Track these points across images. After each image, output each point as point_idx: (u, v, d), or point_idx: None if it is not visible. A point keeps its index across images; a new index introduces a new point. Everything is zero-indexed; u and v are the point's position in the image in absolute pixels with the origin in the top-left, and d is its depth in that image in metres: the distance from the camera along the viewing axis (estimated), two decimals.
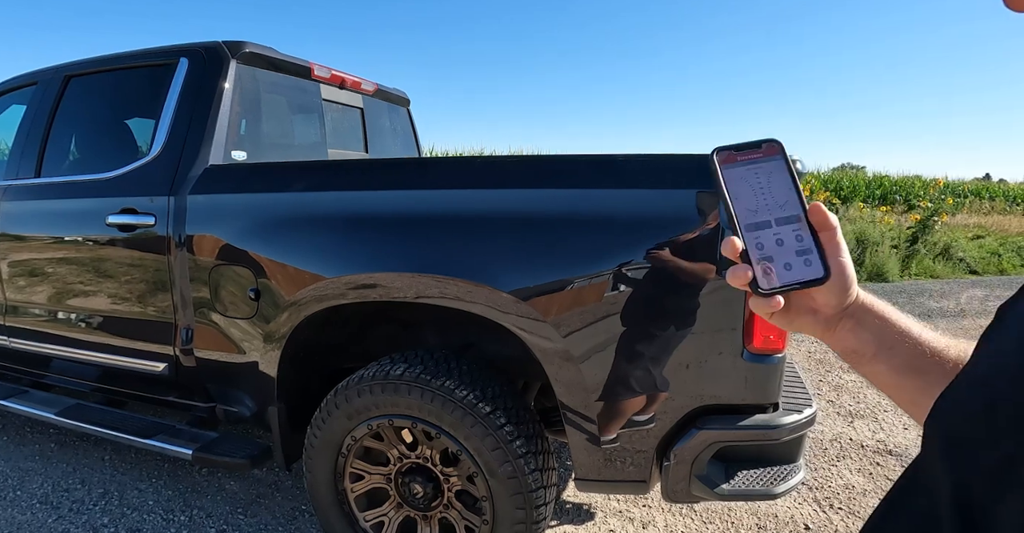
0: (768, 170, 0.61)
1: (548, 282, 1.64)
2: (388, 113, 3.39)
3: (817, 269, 0.58)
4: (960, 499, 0.39)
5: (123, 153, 2.51)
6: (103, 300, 2.41)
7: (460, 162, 2.30)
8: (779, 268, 0.58)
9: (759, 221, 0.59)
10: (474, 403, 1.73)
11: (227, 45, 2.35)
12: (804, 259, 0.58)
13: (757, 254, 0.58)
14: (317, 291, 1.91)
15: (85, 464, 2.90)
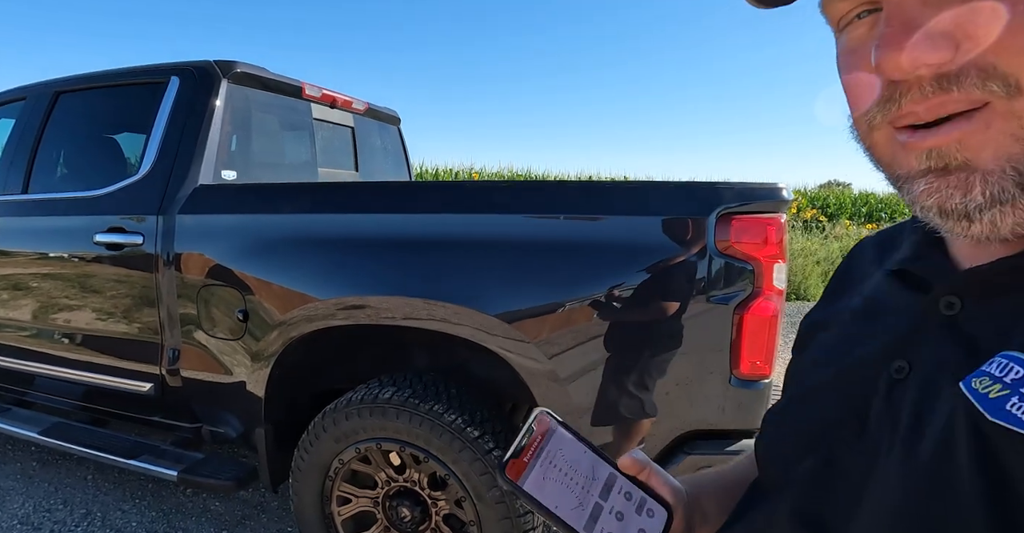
0: (558, 448, 0.57)
1: (534, 306, 1.65)
2: (379, 132, 3.40)
3: (660, 513, 0.58)
4: (792, 508, 0.49)
5: (112, 171, 2.50)
6: (89, 319, 2.39)
7: (449, 187, 2.32)
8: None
9: (591, 511, 0.55)
10: (462, 427, 1.73)
11: (218, 64, 2.35)
12: (646, 511, 0.57)
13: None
14: (307, 311, 1.90)
15: (68, 484, 2.86)
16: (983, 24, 0.35)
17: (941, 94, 0.37)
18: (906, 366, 0.44)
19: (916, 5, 0.37)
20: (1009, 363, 0.37)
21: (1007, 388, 0.36)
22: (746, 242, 1.53)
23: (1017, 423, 0.35)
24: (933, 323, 0.44)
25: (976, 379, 0.38)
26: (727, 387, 1.59)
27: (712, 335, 1.58)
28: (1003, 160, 0.36)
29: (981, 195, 0.37)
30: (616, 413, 1.67)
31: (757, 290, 1.54)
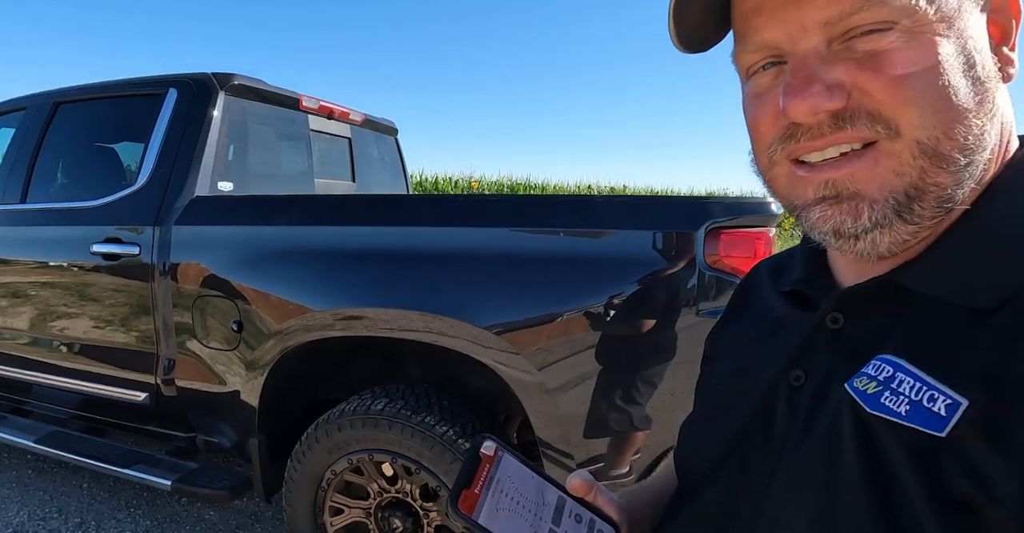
0: (507, 476, 0.57)
1: (524, 318, 1.67)
2: (376, 142, 3.42)
3: (610, 531, 0.59)
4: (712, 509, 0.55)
5: (109, 181, 2.52)
6: (85, 328, 2.40)
7: (440, 200, 2.34)
8: None
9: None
10: (453, 439, 1.74)
11: (216, 77, 2.37)
12: (596, 531, 0.58)
13: None
14: (304, 322, 1.92)
15: (63, 492, 2.87)
16: (869, 79, 0.43)
17: (837, 132, 0.44)
18: (803, 374, 0.51)
19: (816, 61, 0.44)
20: (882, 364, 0.45)
21: (880, 385, 0.44)
22: (735, 256, 1.54)
23: (889, 413, 0.42)
24: (822, 336, 0.51)
25: (858, 379, 0.45)
26: None
27: (700, 347, 1.58)
28: (886, 191, 0.44)
29: (868, 220, 0.44)
30: (609, 426, 1.68)
31: None
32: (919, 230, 0.45)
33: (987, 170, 0.47)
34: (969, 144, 0.44)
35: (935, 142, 0.43)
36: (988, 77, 0.45)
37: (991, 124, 0.45)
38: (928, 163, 0.43)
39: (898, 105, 0.42)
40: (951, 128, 0.43)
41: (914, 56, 0.42)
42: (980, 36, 0.46)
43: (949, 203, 0.45)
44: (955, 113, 0.43)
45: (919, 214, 0.44)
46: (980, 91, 0.44)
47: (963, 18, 0.45)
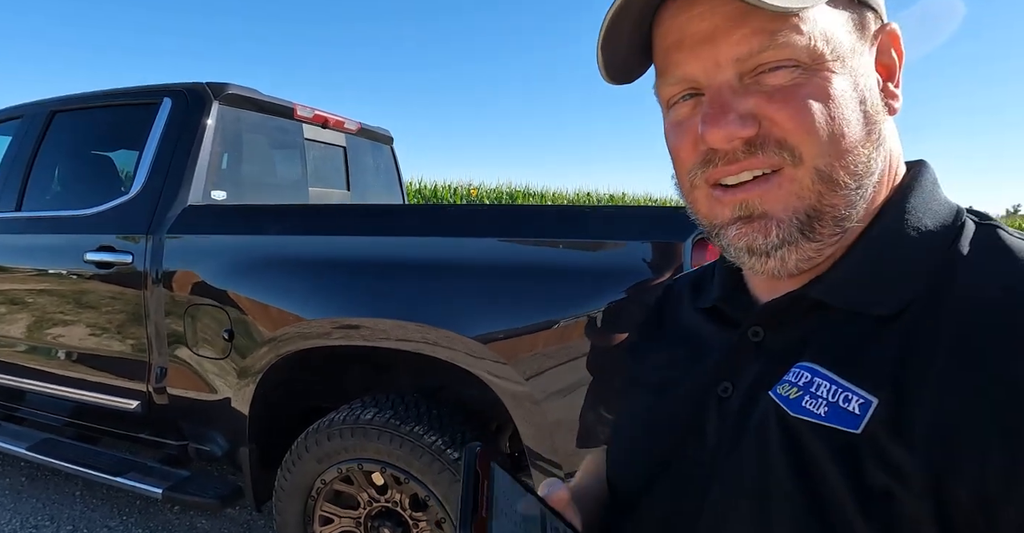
0: (503, 493, 0.53)
1: (515, 328, 1.67)
2: (371, 151, 3.44)
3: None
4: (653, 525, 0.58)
5: (103, 190, 2.52)
6: (78, 336, 2.41)
7: (432, 210, 2.35)
8: None
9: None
10: (442, 449, 1.74)
11: (210, 86, 2.39)
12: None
13: None
14: (301, 329, 1.92)
15: (55, 499, 2.87)
16: (777, 110, 0.48)
17: (749, 157, 0.49)
18: (730, 386, 0.55)
19: (730, 93, 0.49)
20: (801, 371, 0.49)
21: (801, 390, 0.48)
22: None
23: (810, 415, 0.47)
24: (745, 349, 0.55)
25: (780, 386, 0.50)
26: None
27: None
28: (790, 212, 0.49)
29: (776, 237, 0.49)
30: (597, 435, 1.68)
31: None
32: (822, 247, 0.51)
33: (878, 193, 0.53)
34: (858, 171, 0.49)
35: (830, 169, 0.48)
36: (876, 111, 0.51)
37: (877, 153, 0.51)
38: (824, 188, 0.49)
39: (801, 134, 0.48)
40: (843, 157, 0.48)
41: (814, 91, 0.48)
42: (870, 74, 0.52)
43: (845, 222, 0.50)
44: (847, 143, 0.48)
45: (820, 232, 0.50)
46: (869, 123, 0.50)
47: (855, 58, 0.50)
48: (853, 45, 0.50)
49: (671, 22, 0.52)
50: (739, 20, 0.47)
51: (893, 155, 0.54)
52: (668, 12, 0.52)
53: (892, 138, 0.54)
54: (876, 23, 0.53)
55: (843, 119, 0.48)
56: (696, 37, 0.50)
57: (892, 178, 0.54)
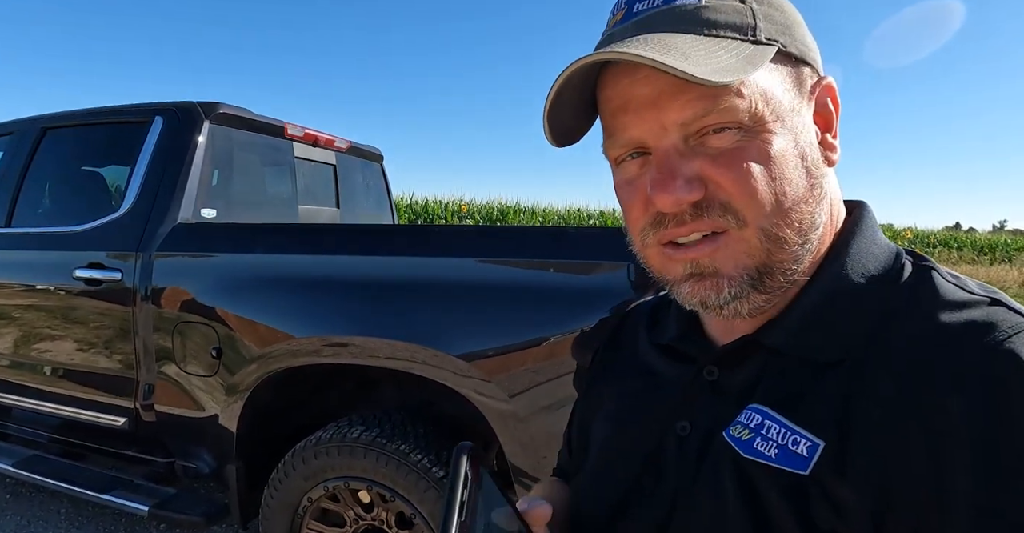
0: (487, 501, 0.52)
1: (497, 346, 1.69)
2: (361, 169, 3.47)
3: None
4: None
5: (94, 207, 2.54)
6: (66, 353, 2.41)
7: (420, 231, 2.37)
8: None
9: None
10: (428, 467, 1.76)
11: (202, 106, 2.42)
12: None
13: None
14: (291, 347, 1.94)
15: (40, 516, 2.85)
16: (722, 174, 0.50)
17: (696, 220, 0.51)
18: (688, 425, 0.57)
19: (676, 156, 0.51)
20: (752, 413, 0.52)
21: (752, 432, 0.51)
22: None
23: (761, 456, 0.49)
24: (702, 388, 0.58)
25: (733, 427, 0.52)
26: None
27: None
28: (741, 269, 0.52)
29: (729, 294, 0.52)
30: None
31: None
32: (771, 297, 0.53)
33: (822, 243, 0.55)
34: (803, 227, 0.52)
35: (776, 229, 0.51)
36: (816, 166, 0.53)
37: (820, 207, 0.53)
38: (773, 246, 0.51)
39: (744, 199, 0.50)
40: (787, 216, 0.51)
41: (756, 154, 0.50)
42: (809, 129, 0.53)
43: (793, 275, 0.53)
44: (789, 203, 0.51)
45: (770, 285, 0.52)
46: (811, 179, 0.52)
47: (794, 116, 0.52)
48: (792, 103, 0.52)
49: (615, 86, 0.53)
50: (683, 85, 0.48)
51: (834, 203, 0.56)
52: (611, 75, 0.53)
53: (833, 188, 0.56)
54: (813, 77, 0.55)
55: (784, 180, 0.50)
56: (641, 101, 0.51)
57: (834, 225, 0.57)
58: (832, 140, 0.56)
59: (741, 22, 0.51)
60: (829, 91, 0.56)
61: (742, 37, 0.50)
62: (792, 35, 0.53)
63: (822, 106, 0.56)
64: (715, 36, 0.50)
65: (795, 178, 0.51)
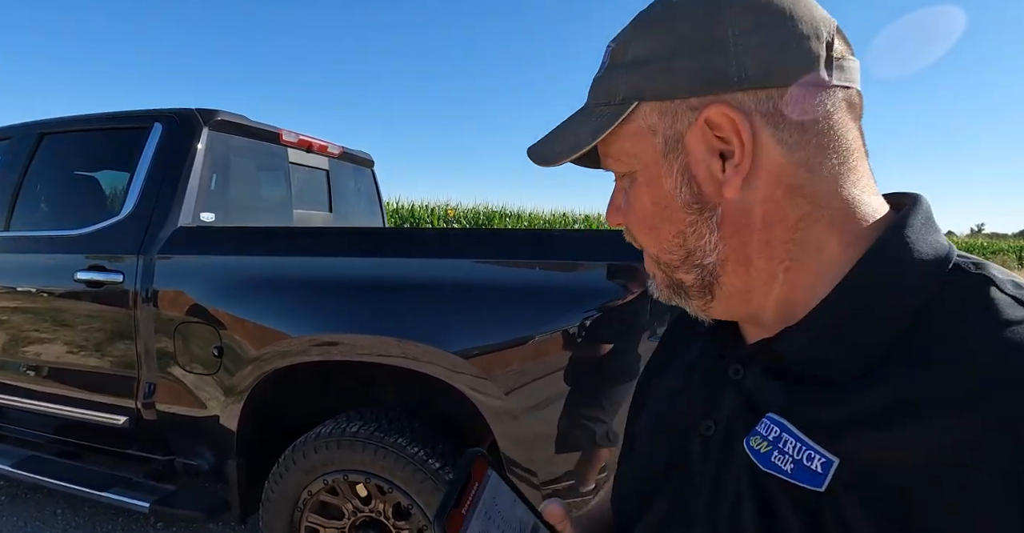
0: (492, 497, 0.58)
1: (493, 344, 1.78)
2: (353, 174, 3.55)
3: None
4: None
5: (93, 210, 2.60)
6: (67, 354, 2.46)
7: (414, 233, 2.44)
8: None
9: None
10: (424, 459, 1.83)
11: (200, 112, 2.48)
12: None
13: None
14: (281, 347, 2.01)
15: (36, 517, 2.88)
16: (617, 207, 0.61)
17: (629, 236, 0.61)
18: (712, 425, 0.57)
19: (617, 190, 0.61)
20: (771, 425, 0.51)
21: (770, 444, 0.50)
22: None
23: (778, 470, 0.49)
24: (727, 386, 0.58)
25: (753, 438, 0.52)
26: None
27: None
28: (659, 280, 0.60)
29: (663, 296, 0.60)
30: (573, 446, 1.78)
31: None
32: (706, 304, 0.57)
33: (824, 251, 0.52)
34: (681, 255, 0.56)
35: (658, 255, 0.58)
36: (693, 201, 0.53)
37: (713, 235, 0.53)
38: (665, 268, 0.58)
39: (632, 227, 0.60)
40: (663, 248, 0.57)
41: (632, 197, 0.58)
42: (685, 168, 0.53)
43: (707, 288, 0.56)
44: (663, 236, 0.56)
45: (691, 294, 0.58)
46: (678, 218, 0.55)
47: (664, 161, 0.54)
48: (655, 155, 0.55)
49: None
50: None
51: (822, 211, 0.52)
52: None
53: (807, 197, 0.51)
54: (693, 112, 0.52)
55: (657, 218, 0.56)
56: None
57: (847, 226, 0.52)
58: (735, 168, 0.51)
59: (607, 87, 0.56)
60: (720, 122, 0.51)
61: (607, 103, 0.56)
62: (666, 79, 0.52)
63: (708, 139, 0.52)
64: (594, 106, 0.57)
65: (668, 218, 0.55)
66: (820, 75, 0.50)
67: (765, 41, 0.49)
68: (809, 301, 0.52)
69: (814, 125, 0.50)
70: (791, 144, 0.51)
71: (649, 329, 1.70)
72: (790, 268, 0.53)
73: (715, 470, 0.55)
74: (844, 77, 0.51)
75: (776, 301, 0.54)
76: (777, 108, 0.50)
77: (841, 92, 0.51)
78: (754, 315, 0.56)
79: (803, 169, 0.51)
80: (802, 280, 0.53)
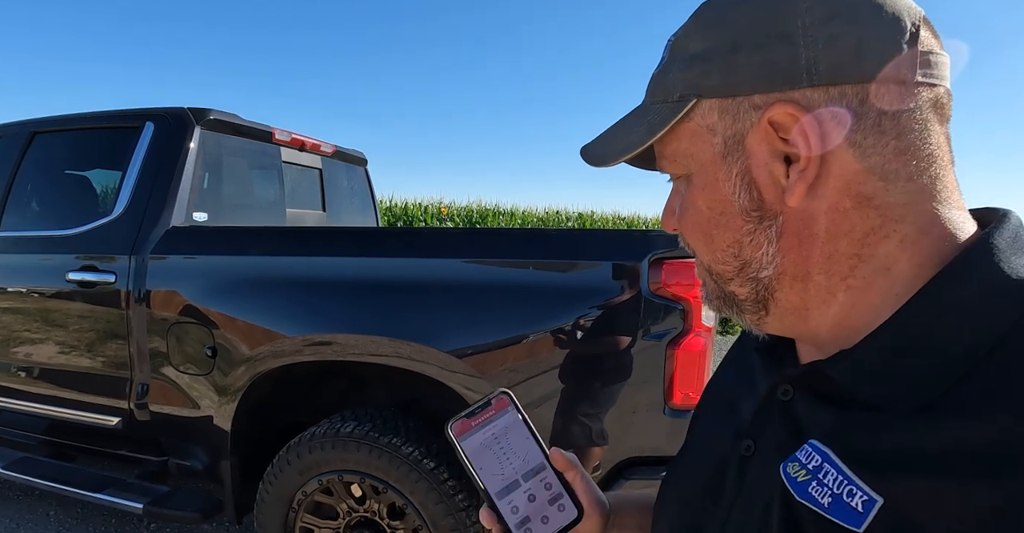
0: (504, 426, 0.64)
1: (486, 343, 1.78)
2: (346, 173, 3.54)
3: (571, 511, 0.63)
4: None
5: (85, 211, 2.58)
6: (59, 354, 2.45)
7: (409, 233, 2.44)
8: (537, 524, 0.62)
9: (508, 484, 0.62)
10: (419, 459, 1.84)
11: (192, 112, 2.47)
12: (558, 505, 0.63)
13: (514, 519, 0.61)
14: (273, 347, 2.00)
15: (29, 519, 2.87)
16: (672, 211, 0.57)
17: (683, 241, 0.58)
18: (752, 445, 0.54)
19: (673, 194, 0.58)
20: (812, 452, 0.47)
21: (809, 473, 0.46)
22: (676, 284, 1.68)
23: (814, 503, 0.45)
24: (774, 406, 0.53)
25: (791, 464, 0.48)
26: (662, 417, 1.73)
27: (648, 369, 1.72)
28: (709, 289, 0.57)
29: (712, 306, 0.58)
30: (567, 444, 1.79)
31: (687, 328, 1.69)
32: (759, 319, 0.53)
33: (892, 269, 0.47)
34: (736, 266, 0.52)
35: (710, 265, 0.54)
36: (759, 207, 0.50)
37: (771, 246, 0.50)
38: (717, 278, 0.55)
39: (687, 235, 0.56)
40: (717, 258, 0.53)
41: (686, 201, 0.54)
42: (746, 172, 0.49)
43: (762, 302, 0.52)
44: (717, 244, 0.53)
45: (744, 308, 0.54)
46: (752, 219, 0.50)
47: (718, 167, 0.51)
48: (713, 156, 0.51)
49: None
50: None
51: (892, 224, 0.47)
52: None
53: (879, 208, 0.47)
54: (756, 111, 0.48)
55: (707, 226, 0.53)
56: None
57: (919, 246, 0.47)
58: (795, 175, 0.48)
59: (664, 84, 0.53)
60: (783, 120, 0.47)
61: (664, 100, 0.52)
62: (727, 69, 0.48)
63: (774, 141, 0.48)
64: (651, 103, 0.54)
65: (719, 221, 0.52)
66: (902, 71, 0.45)
67: (839, 33, 0.45)
68: (871, 323, 0.47)
69: (893, 127, 0.45)
70: (865, 148, 0.45)
71: (643, 328, 1.70)
72: (852, 286, 0.48)
73: (747, 493, 0.52)
74: (931, 74, 0.46)
75: (834, 320, 0.50)
76: (851, 107, 0.45)
77: (926, 91, 0.46)
78: (812, 334, 0.52)
79: (876, 177, 0.46)
80: (864, 300, 0.48)
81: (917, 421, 0.42)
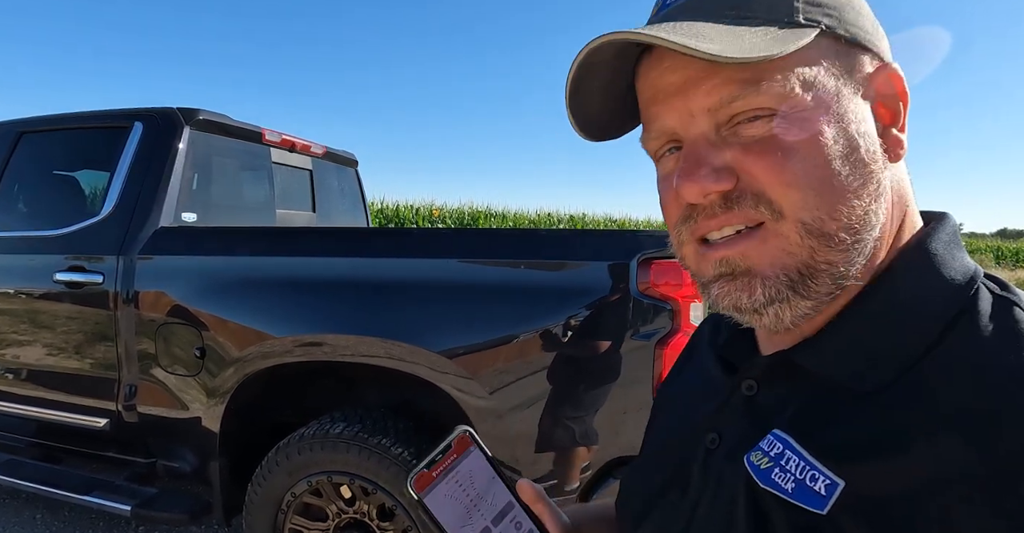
0: (468, 469, 0.61)
1: (476, 343, 1.78)
2: (336, 174, 3.54)
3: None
4: None
5: (73, 211, 2.57)
6: (46, 355, 2.43)
7: (400, 233, 2.45)
8: None
9: (479, 532, 0.60)
10: (409, 460, 1.83)
11: (181, 112, 2.46)
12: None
13: None
14: (263, 348, 2.00)
15: (15, 523, 2.85)
16: (754, 162, 0.46)
17: (726, 212, 0.47)
18: (717, 438, 0.54)
19: (705, 145, 0.47)
20: (774, 440, 0.48)
21: (772, 461, 0.47)
22: (665, 284, 1.69)
23: (778, 489, 0.46)
24: (738, 401, 0.54)
25: (754, 453, 0.49)
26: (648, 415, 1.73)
27: (637, 369, 1.72)
28: (778, 269, 0.46)
29: (762, 295, 0.47)
30: (556, 444, 1.79)
31: (676, 327, 1.70)
32: (818, 304, 0.47)
33: (878, 248, 0.48)
34: (853, 224, 0.46)
35: (820, 223, 0.45)
36: (872, 159, 0.47)
37: (876, 204, 0.47)
38: (816, 243, 0.46)
39: (780, 187, 0.45)
40: (834, 209, 0.45)
41: (794, 141, 0.45)
42: (862, 119, 0.47)
43: (842, 280, 0.47)
44: (836, 195, 0.45)
45: (815, 290, 0.47)
46: (863, 173, 0.46)
47: (842, 103, 0.47)
48: (839, 89, 0.47)
49: (645, 77, 0.51)
50: (710, 70, 0.45)
51: (898, 206, 0.50)
52: (643, 68, 0.52)
53: (901, 187, 0.50)
54: (872, 64, 0.49)
55: (828, 169, 0.45)
56: (669, 89, 0.49)
57: (898, 232, 0.51)
58: (898, 134, 0.50)
59: (775, 3, 0.47)
60: (894, 80, 0.50)
61: (777, 21, 0.46)
62: (841, 17, 0.48)
63: (885, 96, 0.50)
64: (746, 22, 0.47)
65: (841, 170, 0.45)
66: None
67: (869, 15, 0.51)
68: (833, 310, 0.49)
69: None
70: None
71: (632, 328, 1.71)
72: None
73: (714, 485, 0.52)
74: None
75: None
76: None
77: None
78: (808, 317, 0.49)
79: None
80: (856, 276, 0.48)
81: (870, 406, 0.44)
